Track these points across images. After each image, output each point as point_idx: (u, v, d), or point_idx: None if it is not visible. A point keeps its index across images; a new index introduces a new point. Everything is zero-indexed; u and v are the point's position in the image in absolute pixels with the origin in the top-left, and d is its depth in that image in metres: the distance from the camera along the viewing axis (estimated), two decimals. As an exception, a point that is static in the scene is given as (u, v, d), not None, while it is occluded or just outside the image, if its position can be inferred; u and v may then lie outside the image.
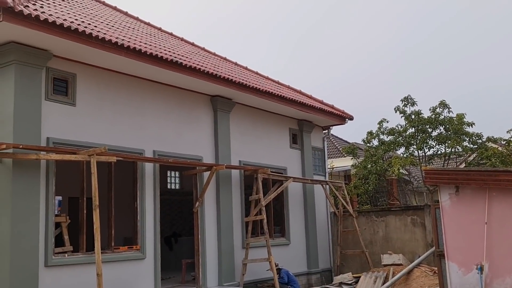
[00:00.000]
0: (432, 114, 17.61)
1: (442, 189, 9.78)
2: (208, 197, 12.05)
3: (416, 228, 15.01)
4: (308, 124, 15.87)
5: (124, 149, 10.09)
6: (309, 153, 15.90)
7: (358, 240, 15.26)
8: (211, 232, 12.01)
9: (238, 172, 13.11)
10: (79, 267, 9.06)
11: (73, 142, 9.22)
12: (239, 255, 12.59)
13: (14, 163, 8.24)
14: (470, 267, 9.28)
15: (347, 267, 15.61)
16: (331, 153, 23.86)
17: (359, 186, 18.65)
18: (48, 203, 8.75)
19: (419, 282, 11.89)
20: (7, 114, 8.38)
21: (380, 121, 18.51)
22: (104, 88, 10.01)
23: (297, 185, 15.16)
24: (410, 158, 17.38)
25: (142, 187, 10.48)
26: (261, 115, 14.21)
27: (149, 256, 10.41)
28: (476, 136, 17.27)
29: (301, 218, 15.25)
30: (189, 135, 11.84)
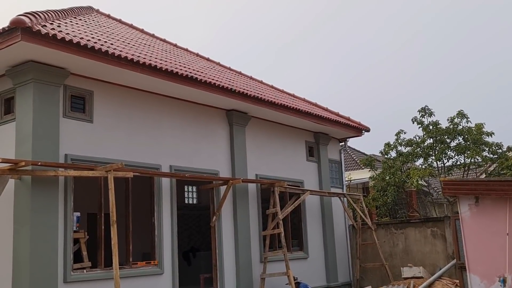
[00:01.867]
0: (450, 124, 17.44)
1: (462, 200, 9.63)
2: (225, 211, 12.05)
3: (436, 240, 14.78)
4: (324, 136, 15.82)
5: (141, 164, 10.17)
6: (326, 165, 15.83)
7: (377, 252, 15.08)
8: (229, 246, 11.98)
9: (255, 186, 13.10)
10: (98, 282, 9.09)
11: (90, 159, 9.32)
12: (257, 269, 12.52)
13: (33, 180, 8.35)
14: (492, 279, 9.09)
15: (367, 280, 15.40)
16: (349, 165, 23.72)
17: (378, 198, 18.49)
18: (67, 219, 8.83)
19: (440, 295, 11.68)
20: (26, 131, 8.53)
21: (398, 132, 18.40)
22: (121, 104, 10.13)
23: (315, 198, 15.07)
24: (429, 169, 17.20)
25: (159, 202, 10.52)
26: (277, 128, 14.22)
27: (167, 271, 10.42)
28: (496, 146, 17.03)
29: (319, 231, 15.14)
30: (205, 149, 11.89)
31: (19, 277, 8.19)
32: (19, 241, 8.31)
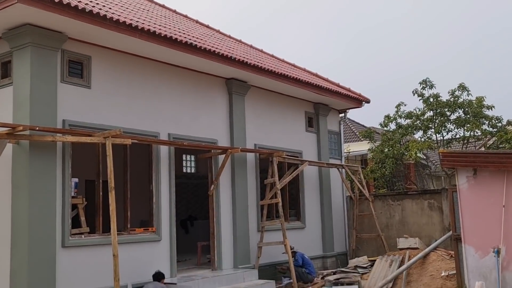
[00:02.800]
0: (451, 97, 17.36)
1: (460, 172, 9.65)
2: (223, 180, 12.07)
3: (433, 212, 14.88)
4: (324, 107, 15.74)
5: (139, 131, 10.13)
6: (325, 136, 15.80)
7: (374, 224, 15.20)
8: (226, 215, 12.05)
9: (253, 156, 13.10)
10: (96, 248, 9.17)
11: (88, 125, 9.28)
12: (254, 238, 12.63)
13: (31, 145, 8.33)
14: (487, 251, 9.18)
15: (363, 251, 15.57)
16: (348, 137, 23.70)
17: (376, 170, 18.55)
18: (65, 185, 8.84)
19: (435, 265, 11.80)
20: (23, 96, 8.46)
21: (398, 104, 18.35)
22: (119, 70, 10.03)
23: (313, 169, 15.10)
24: (428, 142, 17.19)
25: (158, 170, 10.52)
26: (276, 98, 14.13)
27: (165, 238, 10.49)
28: (495, 120, 17.00)
29: (316, 201, 15.22)
30: (204, 118, 11.83)
31: (18, 241, 8.26)
32: (18, 206, 8.34)
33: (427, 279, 11.41)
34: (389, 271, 12.05)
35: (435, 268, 11.72)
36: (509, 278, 8.91)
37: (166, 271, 10.15)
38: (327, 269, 14.62)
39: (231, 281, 10.88)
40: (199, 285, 10.14)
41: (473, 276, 9.25)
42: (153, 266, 9.89)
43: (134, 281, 9.57)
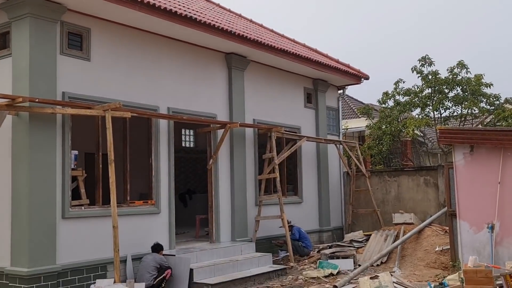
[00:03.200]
0: (449, 75, 17.36)
1: (457, 149, 9.73)
2: (222, 154, 12.14)
3: (428, 188, 15.04)
4: (323, 83, 15.74)
5: (139, 105, 10.15)
6: (323, 112, 15.84)
7: (370, 199, 15.38)
8: (225, 189, 12.16)
9: (252, 131, 13.15)
10: (96, 219, 9.28)
11: (88, 97, 9.29)
12: (252, 212, 12.78)
13: (31, 116, 8.35)
14: (481, 226, 9.32)
15: (358, 226, 15.79)
16: (346, 114, 23.75)
17: (373, 146, 18.67)
18: (65, 157, 8.89)
19: (429, 241, 11.98)
20: (22, 67, 8.44)
21: (397, 81, 18.35)
22: (119, 43, 9.99)
23: (311, 145, 15.18)
24: (425, 119, 17.26)
25: (157, 144, 10.58)
26: (276, 73, 14.11)
27: (164, 211, 10.61)
28: (493, 97, 17.05)
29: (314, 177, 15.35)
30: (203, 92, 11.83)
31: (18, 212, 8.35)
32: (18, 177, 8.40)
33: (421, 254, 11.61)
34: (384, 246, 12.25)
35: (430, 243, 11.91)
36: (502, 253, 9.07)
37: (165, 243, 10.30)
38: (323, 243, 14.84)
39: (228, 253, 11.05)
40: (197, 257, 10.30)
41: (466, 251, 9.41)
42: (152, 238, 10.02)
43: (134, 253, 9.71)
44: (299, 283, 9.97)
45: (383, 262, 11.64)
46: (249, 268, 10.70)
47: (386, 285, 8.06)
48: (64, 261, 8.65)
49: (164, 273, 9.31)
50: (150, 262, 9.31)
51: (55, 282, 8.42)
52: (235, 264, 10.51)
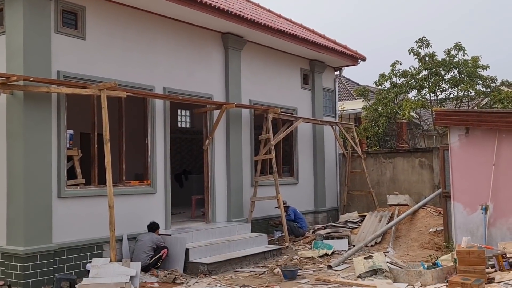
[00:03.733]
0: (446, 56, 17.30)
1: (452, 131, 9.75)
2: (218, 135, 12.13)
3: (423, 170, 15.12)
4: (320, 64, 15.67)
5: (134, 85, 10.09)
6: (320, 94, 15.81)
7: (365, 180, 15.45)
8: (221, 170, 12.18)
9: (248, 111, 13.12)
10: (92, 199, 9.29)
11: (83, 76, 9.23)
12: (248, 192, 12.83)
13: (25, 95, 8.30)
14: (475, 208, 9.40)
15: (353, 207, 15.89)
16: (342, 96, 23.70)
17: (369, 128, 18.68)
18: (60, 136, 8.87)
19: (423, 222, 12.09)
20: (16, 45, 8.36)
21: (393, 63, 18.26)
22: (114, 22, 9.88)
23: (307, 126, 15.18)
24: (421, 101, 17.25)
25: (153, 124, 10.55)
26: (272, 54, 14.03)
27: (160, 191, 10.64)
28: (490, 80, 17.03)
29: (309, 158, 15.38)
30: (199, 72, 11.77)
31: (14, 191, 8.35)
32: (13, 156, 8.39)
33: (415, 235, 11.71)
34: (379, 226, 12.34)
35: (423, 224, 12.01)
36: (495, 234, 9.17)
37: (161, 223, 10.34)
38: (318, 223, 14.94)
39: (224, 233, 11.12)
40: (193, 237, 10.36)
41: (460, 232, 9.50)
42: (148, 218, 10.06)
43: (130, 232, 9.75)
44: (294, 263, 10.06)
45: (377, 243, 11.73)
46: (244, 248, 10.78)
47: (380, 265, 8.14)
48: (60, 240, 8.69)
49: (160, 252, 9.37)
50: (147, 242, 9.36)
51: (51, 261, 8.46)
52: (231, 244, 10.58)
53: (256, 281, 8.67)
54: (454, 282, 6.52)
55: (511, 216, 9.05)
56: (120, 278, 7.93)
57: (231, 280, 8.75)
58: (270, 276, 9.05)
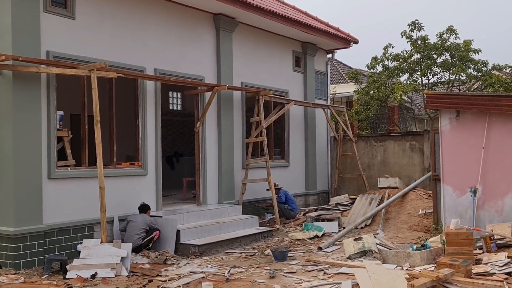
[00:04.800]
0: (438, 40, 17.30)
1: (443, 114, 9.79)
2: (210, 117, 12.10)
3: (414, 154, 15.21)
4: (312, 47, 15.60)
5: (125, 66, 10.00)
6: (311, 76, 15.77)
7: (356, 163, 15.53)
8: (212, 152, 12.17)
9: (240, 94, 13.08)
10: (82, 180, 9.26)
11: (73, 57, 9.12)
12: (239, 175, 12.85)
13: (14, 75, 8.20)
14: (464, 190, 9.48)
15: (344, 190, 15.99)
16: (334, 79, 23.67)
17: (361, 112, 18.73)
18: (50, 117, 8.79)
19: (413, 204, 12.20)
20: (5, 25, 8.23)
21: (386, 46, 18.23)
22: (104, 1, 9.74)
23: (299, 109, 15.17)
24: (413, 84, 17.28)
25: (143, 105, 10.49)
26: (264, 36, 13.94)
27: (151, 172, 10.62)
28: (481, 64, 17.07)
29: (301, 141, 15.40)
30: (191, 54, 11.68)
31: (3, 172, 8.29)
32: (2, 137, 8.32)
33: (404, 217, 11.83)
34: (369, 209, 12.44)
35: (413, 207, 12.13)
36: (483, 216, 9.27)
37: (152, 205, 10.34)
38: (309, 206, 15.02)
39: (215, 215, 11.16)
40: (184, 218, 10.39)
41: (449, 214, 9.59)
42: (139, 199, 10.06)
43: (120, 214, 9.76)
44: (284, 244, 10.13)
45: (367, 225, 11.84)
46: (235, 230, 10.83)
47: (369, 246, 8.22)
48: (50, 221, 8.68)
49: (152, 234, 9.38)
50: (140, 224, 9.36)
51: (42, 241, 8.46)
52: (222, 226, 10.63)
53: (247, 262, 8.73)
54: (442, 263, 6.59)
55: (499, 199, 9.15)
56: (111, 259, 7.96)
57: (222, 261, 8.80)
58: (260, 257, 9.11)
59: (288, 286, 6.82)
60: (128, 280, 7.53)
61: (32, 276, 7.79)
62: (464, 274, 6.29)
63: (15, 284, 7.22)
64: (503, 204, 9.12)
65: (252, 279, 7.37)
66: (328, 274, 7.43)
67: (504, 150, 9.14)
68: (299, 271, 7.84)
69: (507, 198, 9.08)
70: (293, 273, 7.67)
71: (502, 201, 9.13)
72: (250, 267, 8.25)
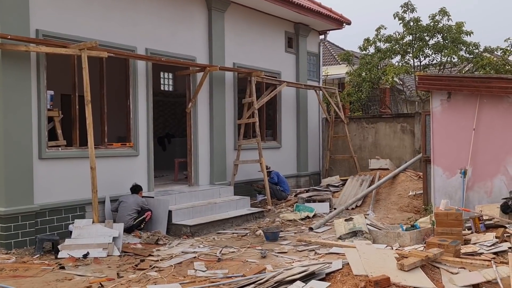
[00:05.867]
0: (431, 22, 17.26)
1: (434, 95, 9.82)
2: (201, 98, 12.04)
3: (405, 135, 15.29)
4: (304, 27, 15.52)
5: (115, 45, 9.89)
6: (304, 57, 15.71)
7: (347, 145, 15.59)
8: (204, 133, 12.15)
9: (232, 74, 13.01)
10: (73, 160, 9.22)
11: (63, 36, 9.00)
12: (231, 156, 12.85)
13: (3, 54, 8.08)
14: (454, 171, 9.57)
15: (335, 171, 16.08)
16: (327, 60, 23.62)
17: (352, 93, 18.74)
18: (40, 96, 8.71)
19: (403, 185, 12.30)
20: (-7, 2, 8.09)
21: (378, 27, 18.16)
22: (94, -20, 9.60)
23: (291, 90, 15.14)
24: (405, 66, 17.28)
25: (135, 85, 10.41)
26: (257, 16, 13.83)
27: (142, 153, 10.59)
28: (473, 46, 17.08)
29: (293, 122, 15.41)
30: (182, 34, 11.57)
31: (-6, 152, 8.23)
32: (-8, 117, 8.23)
33: (395, 198, 11.93)
34: (360, 190, 12.53)
35: (403, 188, 12.23)
36: (473, 197, 9.37)
37: (144, 186, 10.33)
38: (300, 187, 15.10)
39: (207, 196, 11.18)
40: (176, 199, 10.40)
41: (439, 195, 9.68)
42: (131, 180, 10.04)
43: (112, 194, 9.75)
44: (276, 225, 10.20)
45: (358, 206, 11.94)
46: (227, 211, 10.88)
47: (360, 227, 8.30)
48: (42, 201, 8.66)
49: (144, 214, 9.40)
50: (131, 204, 9.36)
51: (33, 221, 8.45)
52: (214, 207, 10.66)
53: (239, 242, 8.79)
54: (431, 243, 6.67)
55: (488, 180, 9.25)
56: (103, 239, 7.98)
57: (213, 242, 8.85)
58: (252, 237, 9.18)
59: (279, 265, 6.89)
60: (120, 260, 7.57)
61: (24, 255, 7.80)
62: (453, 254, 6.37)
63: (6, 264, 7.23)
64: (492, 185, 9.21)
65: (243, 259, 7.43)
66: (319, 254, 7.50)
67: (494, 131, 9.21)
68: (290, 251, 7.91)
69: (496, 179, 9.17)
70: (284, 253, 7.74)
71: (491, 182, 9.23)
72: (242, 247, 8.30)
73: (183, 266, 7.11)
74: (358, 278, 5.45)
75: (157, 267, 7.08)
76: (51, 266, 7.16)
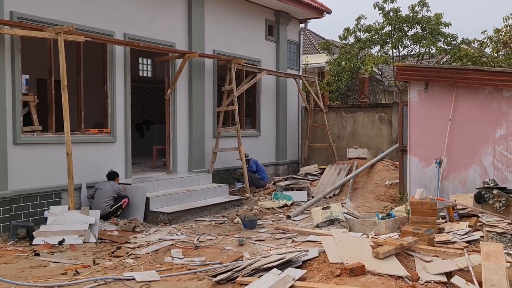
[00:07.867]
0: (410, 12, 17.38)
1: (412, 86, 9.92)
2: (180, 85, 11.94)
3: (383, 125, 15.44)
4: (285, 15, 15.47)
5: (93, 29, 9.72)
6: (284, 46, 15.69)
7: (326, 134, 15.68)
8: (183, 120, 12.07)
9: (212, 62, 12.93)
10: (49, 146, 9.08)
11: (39, 19, 8.80)
12: (210, 144, 12.81)
13: (-24, 36, 7.89)
14: (430, 161, 9.71)
15: (314, 160, 16.18)
16: (307, 49, 23.62)
17: (332, 83, 18.82)
18: (15, 80, 8.52)
19: (380, 175, 12.44)
20: (-35, -17, 7.86)
21: (358, 17, 18.22)
22: (71, -38, 9.39)
23: (270, 78, 15.12)
24: (384, 57, 17.39)
25: (112, 71, 10.26)
26: (237, 3, 13.73)
27: (120, 140, 10.48)
28: (451, 37, 17.28)
29: (272, 111, 15.42)
30: (162, 19, 11.42)
31: (-34, 136, 8.05)
32: (-35, 100, 8.04)
33: (371, 187, 12.07)
34: (337, 179, 12.63)
35: (380, 177, 12.37)
36: (447, 187, 9.54)
37: (121, 172, 10.25)
38: (279, 176, 15.16)
39: (185, 183, 11.14)
40: (154, 186, 10.34)
41: (414, 185, 9.83)
42: (108, 166, 9.94)
43: (89, 181, 9.64)
44: (254, 213, 10.23)
45: (336, 195, 12.04)
46: (205, 198, 10.86)
47: (337, 215, 8.38)
48: (16, 187, 8.51)
49: (121, 201, 9.33)
50: (108, 191, 9.28)
51: (7, 208, 8.31)
52: (192, 194, 10.64)
53: (216, 230, 8.80)
54: (406, 231, 6.77)
55: (463, 170, 9.42)
56: (79, 226, 7.90)
57: (191, 229, 8.84)
58: (230, 225, 9.19)
59: (256, 253, 6.92)
60: (96, 247, 7.51)
61: (-2, 242, 7.68)
62: (427, 242, 6.48)
63: (-21, 251, 7.11)
64: (466, 175, 9.39)
65: (221, 246, 7.44)
66: (296, 242, 7.56)
67: (469, 122, 9.36)
68: (267, 239, 7.95)
69: (471, 170, 9.35)
70: (262, 241, 7.78)
71: (465, 173, 9.40)
72: (220, 234, 8.32)
73: (160, 254, 7.09)
74: (334, 265, 5.50)
75: (134, 254, 7.05)
76: (25, 253, 7.07)
